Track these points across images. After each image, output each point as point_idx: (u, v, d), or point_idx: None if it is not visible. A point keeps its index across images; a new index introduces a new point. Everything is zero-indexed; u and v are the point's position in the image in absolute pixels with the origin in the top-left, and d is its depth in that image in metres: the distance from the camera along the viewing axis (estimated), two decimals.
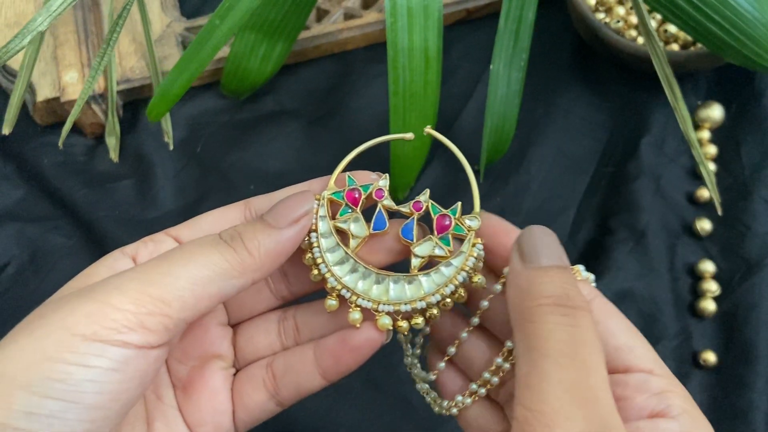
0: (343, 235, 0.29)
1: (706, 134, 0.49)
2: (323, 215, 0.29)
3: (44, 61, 0.49)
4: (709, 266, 0.45)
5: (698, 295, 0.45)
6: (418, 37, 0.38)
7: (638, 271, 0.45)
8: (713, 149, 0.48)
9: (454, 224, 0.28)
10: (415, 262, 0.28)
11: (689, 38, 0.49)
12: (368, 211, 0.29)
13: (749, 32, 0.39)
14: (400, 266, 0.29)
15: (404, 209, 0.29)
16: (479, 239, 0.28)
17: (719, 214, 0.44)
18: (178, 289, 0.25)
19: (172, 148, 0.49)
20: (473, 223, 0.28)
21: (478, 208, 0.29)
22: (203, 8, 0.54)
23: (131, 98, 0.51)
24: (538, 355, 0.23)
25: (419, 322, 0.28)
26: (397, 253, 0.29)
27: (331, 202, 0.29)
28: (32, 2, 0.52)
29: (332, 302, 0.28)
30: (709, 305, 0.44)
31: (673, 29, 0.49)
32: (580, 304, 0.24)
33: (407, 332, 0.29)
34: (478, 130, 0.45)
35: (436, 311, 0.28)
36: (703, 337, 0.44)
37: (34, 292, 0.46)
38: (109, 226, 0.47)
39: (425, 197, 0.29)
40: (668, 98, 0.40)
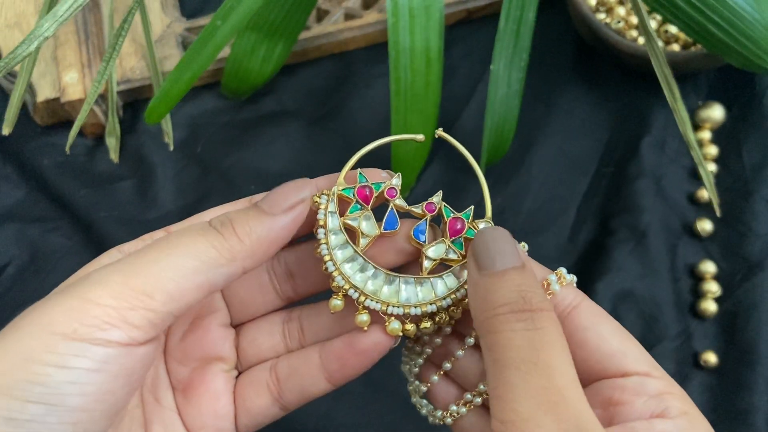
0: (351, 232, 0.27)
1: (706, 134, 0.49)
2: (333, 211, 0.27)
3: (44, 61, 0.49)
4: (709, 267, 0.45)
5: (699, 295, 0.45)
6: (419, 37, 0.38)
7: (639, 271, 0.45)
8: (714, 150, 0.48)
9: (467, 228, 0.27)
10: (426, 264, 0.27)
11: (690, 38, 0.49)
12: (376, 209, 0.28)
13: (749, 33, 0.39)
14: (398, 268, 0.29)
15: (416, 210, 0.28)
16: None
17: (718, 215, 0.44)
18: (161, 280, 0.23)
19: (172, 148, 0.49)
20: (486, 227, 0.27)
21: (490, 212, 0.28)
22: (204, 8, 0.54)
23: (131, 99, 0.51)
24: (501, 365, 0.22)
25: (428, 325, 0.27)
26: (407, 254, 0.28)
27: (339, 198, 0.28)
28: (32, 2, 0.52)
29: (337, 302, 0.27)
30: (709, 306, 0.44)
31: (673, 30, 0.49)
32: (537, 305, 0.23)
33: (413, 335, 0.28)
34: (478, 130, 0.45)
35: (445, 316, 0.27)
36: (703, 337, 0.44)
37: (34, 292, 0.46)
38: (109, 226, 0.47)
39: (438, 198, 0.28)
40: (667, 99, 0.40)
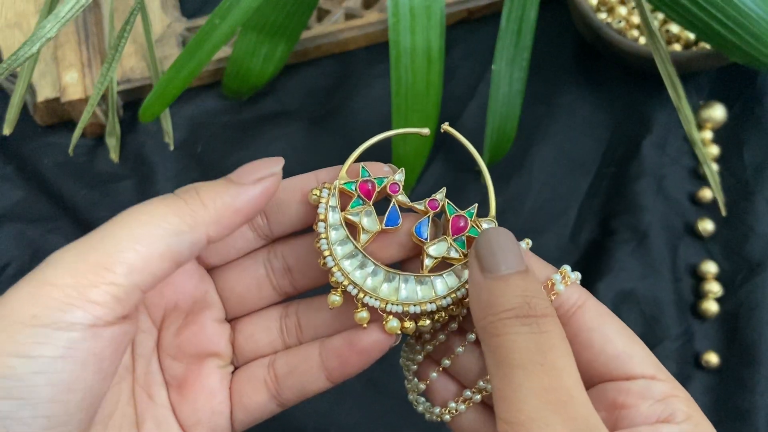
0: (351, 228, 0.27)
1: (708, 134, 0.49)
2: (334, 205, 0.27)
3: (44, 61, 0.49)
4: (711, 267, 0.45)
5: (700, 296, 0.45)
6: (420, 37, 0.38)
7: (640, 271, 0.45)
8: (715, 149, 0.48)
9: (469, 226, 0.27)
10: (427, 262, 0.27)
11: (691, 38, 0.49)
12: (377, 204, 0.28)
13: (753, 31, 0.39)
14: (399, 263, 0.29)
15: (419, 206, 0.28)
16: None
17: (723, 214, 0.44)
18: (120, 251, 0.22)
19: (172, 148, 0.49)
20: (489, 226, 0.27)
21: (494, 211, 0.28)
22: (204, 8, 0.54)
23: (131, 98, 0.51)
24: (507, 366, 0.22)
25: (426, 323, 0.27)
26: (408, 249, 0.28)
27: (341, 192, 0.27)
28: (32, 2, 0.51)
29: (336, 298, 0.27)
30: (711, 306, 0.44)
31: (675, 29, 0.49)
32: (542, 311, 0.23)
33: (412, 332, 0.27)
34: (479, 130, 0.44)
35: (444, 314, 0.27)
36: (705, 338, 0.44)
37: None
38: None
39: (441, 195, 0.28)
40: (671, 98, 0.40)
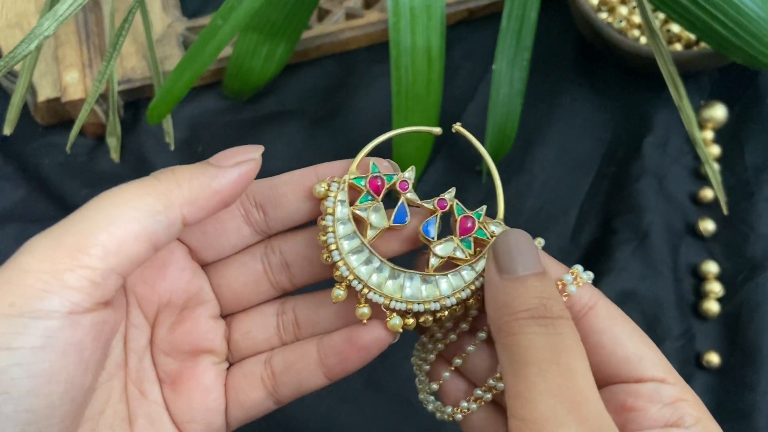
0: (359, 223, 0.27)
1: (709, 134, 0.49)
2: (342, 199, 0.27)
3: (45, 61, 0.49)
4: (712, 267, 0.45)
5: (701, 296, 0.45)
6: (420, 37, 0.38)
7: (641, 271, 0.45)
8: (716, 149, 0.48)
9: (477, 228, 0.27)
10: (433, 261, 0.27)
11: (692, 38, 0.49)
12: (385, 201, 0.28)
13: (754, 31, 0.39)
14: (401, 260, 0.28)
15: (428, 205, 0.27)
16: None
17: (725, 213, 0.43)
18: (93, 232, 0.22)
19: (173, 148, 0.49)
20: (497, 228, 0.27)
21: (502, 213, 0.28)
22: (204, 8, 0.54)
23: (132, 98, 0.51)
24: (521, 364, 0.22)
25: (428, 319, 0.27)
26: (412, 243, 0.28)
27: (350, 187, 0.27)
28: (33, 2, 0.51)
29: (340, 292, 0.27)
30: (712, 306, 0.44)
31: (676, 29, 0.49)
32: (558, 313, 0.23)
33: (413, 328, 0.27)
34: (480, 129, 0.44)
35: (447, 314, 0.27)
36: (706, 338, 0.44)
37: None
38: None
39: (450, 195, 0.28)
40: (673, 98, 0.40)
